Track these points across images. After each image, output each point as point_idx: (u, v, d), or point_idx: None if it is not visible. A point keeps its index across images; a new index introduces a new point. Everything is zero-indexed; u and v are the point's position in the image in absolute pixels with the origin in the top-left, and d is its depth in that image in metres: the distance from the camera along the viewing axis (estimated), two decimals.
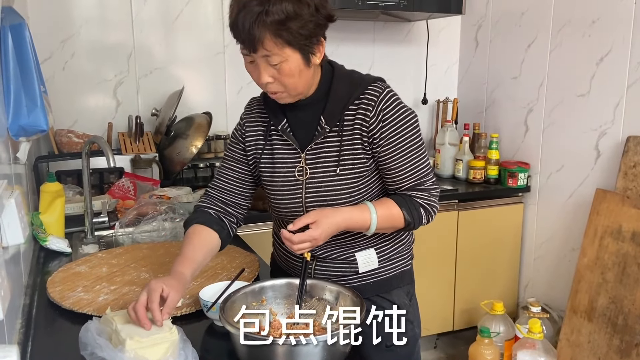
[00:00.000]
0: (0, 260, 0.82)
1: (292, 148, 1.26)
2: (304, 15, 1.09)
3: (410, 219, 1.23)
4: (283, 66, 1.12)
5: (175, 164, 2.44)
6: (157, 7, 2.58)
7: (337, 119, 1.22)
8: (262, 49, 1.10)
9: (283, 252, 1.42)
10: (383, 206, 1.22)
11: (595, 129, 2.41)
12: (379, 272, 1.35)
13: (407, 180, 1.25)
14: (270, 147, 1.29)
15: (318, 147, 1.24)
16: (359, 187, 1.25)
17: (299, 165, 1.25)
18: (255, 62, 1.14)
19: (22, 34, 1.26)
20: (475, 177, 2.76)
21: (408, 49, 3.08)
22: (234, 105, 2.76)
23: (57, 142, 2.32)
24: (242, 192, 1.36)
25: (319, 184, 1.24)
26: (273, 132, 1.29)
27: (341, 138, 1.23)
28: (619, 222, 2.23)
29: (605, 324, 2.21)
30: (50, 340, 1.14)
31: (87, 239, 1.77)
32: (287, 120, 1.27)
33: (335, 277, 1.33)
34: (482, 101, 3.05)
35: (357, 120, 1.21)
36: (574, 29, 2.47)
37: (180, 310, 1.22)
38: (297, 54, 1.12)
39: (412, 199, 1.25)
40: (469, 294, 2.78)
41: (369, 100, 1.21)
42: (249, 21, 1.07)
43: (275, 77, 1.14)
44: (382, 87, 1.23)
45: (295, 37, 1.10)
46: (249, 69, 1.18)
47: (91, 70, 2.52)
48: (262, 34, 1.08)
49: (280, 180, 1.28)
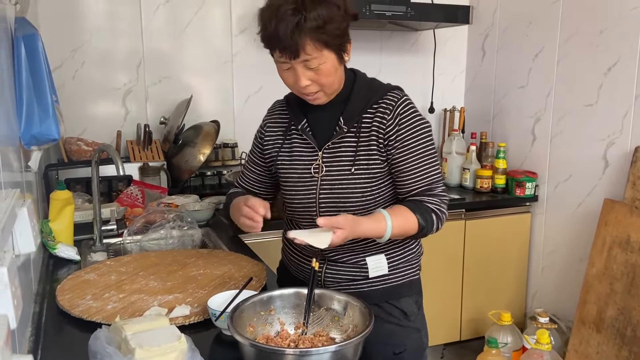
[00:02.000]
0: (13, 269, 0.82)
1: (310, 146, 1.32)
2: (336, 17, 1.16)
3: (424, 223, 1.25)
4: (321, 67, 1.19)
5: (183, 172, 2.45)
6: (166, 16, 2.60)
7: (356, 120, 1.28)
8: (303, 54, 1.16)
9: (294, 257, 1.45)
10: (398, 214, 1.24)
11: (604, 139, 2.41)
12: (389, 279, 1.37)
13: (418, 184, 1.28)
14: (289, 145, 1.36)
15: (335, 146, 1.30)
16: (372, 188, 1.28)
17: (316, 162, 1.31)
18: (292, 68, 1.20)
19: (34, 44, 1.28)
20: (483, 186, 2.76)
21: (415, 58, 3.10)
22: (242, 114, 2.77)
23: (66, 150, 2.33)
24: (262, 192, 1.47)
25: (334, 182, 1.29)
26: (293, 132, 1.36)
27: (358, 139, 1.28)
28: (627, 232, 2.22)
29: (614, 335, 2.19)
30: (60, 349, 1.15)
31: (96, 247, 1.79)
32: (307, 120, 1.33)
33: (345, 281, 1.36)
34: (489, 110, 3.05)
35: (375, 122, 1.27)
36: (582, 39, 2.47)
37: (189, 319, 1.22)
38: (332, 54, 1.20)
39: (424, 204, 1.27)
40: (476, 303, 2.76)
41: (387, 105, 1.28)
42: (290, 30, 1.12)
43: (313, 78, 1.21)
44: (401, 94, 1.30)
45: (332, 39, 1.17)
46: (284, 75, 1.24)
47: (101, 79, 2.55)
48: (303, 41, 1.14)
49: (296, 176, 1.33)
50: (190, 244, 1.80)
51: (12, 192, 1.01)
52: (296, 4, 1.13)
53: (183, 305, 1.27)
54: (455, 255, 2.68)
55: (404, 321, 1.38)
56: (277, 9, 1.14)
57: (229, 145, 2.69)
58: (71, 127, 2.44)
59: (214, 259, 1.62)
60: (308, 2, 1.13)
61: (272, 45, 1.19)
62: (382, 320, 1.35)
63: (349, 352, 0.99)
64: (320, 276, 1.37)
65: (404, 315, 1.38)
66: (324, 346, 1.05)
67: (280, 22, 1.13)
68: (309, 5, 1.13)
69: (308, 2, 1.13)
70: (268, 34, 1.17)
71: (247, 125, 2.74)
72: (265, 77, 2.76)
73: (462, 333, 2.80)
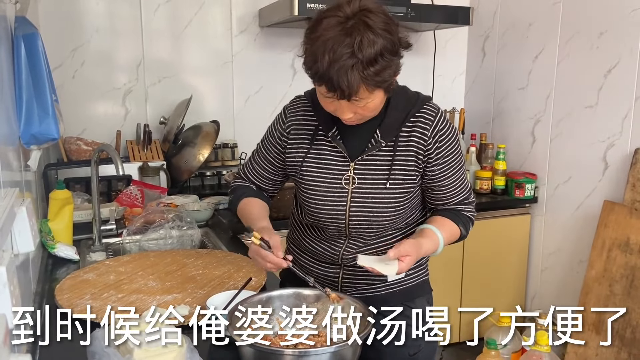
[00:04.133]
0: (12, 268, 0.82)
1: (342, 156, 1.26)
2: (393, 59, 1.09)
3: (465, 232, 1.30)
4: (369, 105, 1.13)
5: (182, 172, 2.45)
6: (166, 16, 2.60)
7: (394, 135, 1.23)
8: (354, 96, 1.09)
9: (303, 261, 1.42)
10: (445, 229, 1.27)
11: (603, 141, 2.41)
12: (404, 281, 1.38)
13: (457, 197, 1.30)
14: (317, 152, 1.28)
15: (369, 159, 1.25)
16: (404, 202, 1.27)
17: (347, 174, 1.26)
18: (335, 101, 1.12)
19: (35, 43, 1.28)
20: (482, 188, 2.76)
21: (415, 59, 3.09)
22: (242, 114, 2.77)
23: (66, 149, 2.33)
24: (269, 187, 1.43)
25: (366, 195, 1.25)
26: (321, 138, 1.28)
27: (394, 153, 1.24)
28: (626, 234, 2.22)
29: (613, 337, 2.19)
30: (58, 349, 1.14)
31: (95, 247, 1.78)
32: (338, 127, 1.26)
33: (363, 286, 1.36)
34: (489, 111, 3.05)
35: (413, 137, 1.23)
36: (582, 40, 2.47)
37: (187, 319, 1.22)
38: (382, 92, 1.14)
39: (462, 213, 1.31)
40: (475, 305, 2.75)
41: (425, 119, 1.24)
42: (343, 73, 1.04)
43: (358, 112, 1.15)
44: (437, 107, 1.27)
45: (385, 81, 1.10)
46: (323, 102, 1.16)
47: (101, 79, 2.55)
48: (357, 86, 1.06)
49: (324, 187, 1.28)
50: (189, 244, 1.79)
51: (11, 191, 1.01)
52: (352, 46, 1.04)
53: (182, 305, 1.27)
54: (455, 257, 2.68)
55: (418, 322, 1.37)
56: (332, 49, 1.04)
57: (228, 145, 2.69)
58: (71, 126, 2.44)
59: (213, 259, 1.62)
60: (365, 43, 1.04)
61: (320, 82, 1.09)
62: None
63: (348, 353, 0.99)
64: (337, 281, 1.36)
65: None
66: (323, 347, 1.05)
67: (334, 62, 1.04)
68: (366, 47, 1.04)
69: (365, 42, 1.04)
70: (317, 71, 1.07)
71: (246, 126, 2.74)
72: (265, 78, 2.77)
73: (461, 334, 2.79)
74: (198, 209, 2.12)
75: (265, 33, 2.75)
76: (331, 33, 1.06)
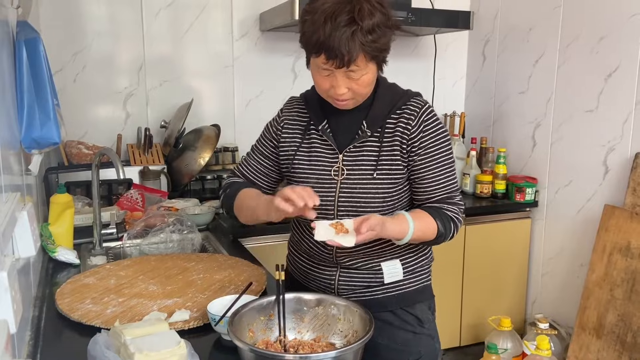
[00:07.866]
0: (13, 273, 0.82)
1: (331, 148, 1.30)
2: (388, 31, 1.15)
3: (443, 230, 1.26)
4: (363, 78, 1.18)
5: (183, 175, 2.45)
6: (167, 20, 2.61)
7: (379, 125, 1.27)
8: (353, 65, 1.13)
9: (302, 265, 1.42)
10: (419, 218, 1.24)
11: (604, 145, 2.41)
12: (403, 285, 1.36)
13: (439, 191, 1.29)
14: (308, 146, 1.33)
15: (357, 150, 1.28)
16: (393, 193, 1.28)
17: (336, 165, 1.29)
18: (332, 75, 1.17)
19: (36, 48, 1.29)
20: (483, 192, 2.76)
21: (415, 63, 3.10)
22: (242, 118, 2.78)
23: (67, 153, 2.34)
24: (265, 184, 1.43)
25: (354, 186, 1.27)
26: (312, 132, 1.33)
27: (381, 143, 1.27)
28: (627, 238, 2.21)
29: (614, 342, 2.19)
30: (59, 353, 1.14)
31: (96, 251, 1.78)
32: (328, 121, 1.31)
33: (360, 288, 1.35)
34: (490, 115, 3.05)
35: (399, 128, 1.26)
36: (582, 45, 2.47)
37: (188, 324, 1.22)
38: (375, 66, 1.19)
39: (444, 211, 1.28)
40: (476, 309, 2.76)
41: (411, 111, 1.27)
42: (345, 39, 1.09)
43: (352, 87, 1.19)
44: (424, 101, 1.30)
45: (380, 52, 1.16)
46: (320, 80, 1.21)
47: (102, 83, 2.55)
48: (357, 53, 1.11)
49: (314, 178, 1.31)
50: (190, 248, 1.79)
51: (13, 195, 1.01)
52: (352, 13, 1.10)
53: (182, 310, 1.27)
54: (455, 261, 2.68)
55: (418, 328, 1.37)
56: (332, 15, 1.10)
57: (229, 149, 2.69)
58: (72, 130, 2.44)
59: (214, 263, 1.62)
60: (365, 12, 1.10)
61: (320, 50, 1.13)
62: (396, 327, 1.35)
63: (349, 358, 0.99)
64: (333, 284, 1.36)
65: (419, 322, 1.37)
66: (323, 352, 1.05)
67: (335, 29, 1.09)
68: (366, 16, 1.10)
69: (365, 11, 1.10)
70: (318, 39, 1.11)
71: (247, 130, 2.74)
72: (266, 82, 2.77)
73: (462, 338, 2.79)
74: (199, 213, 2.12)
75: (266, 37, 2.76)
76: (331, 2, 1.12)
